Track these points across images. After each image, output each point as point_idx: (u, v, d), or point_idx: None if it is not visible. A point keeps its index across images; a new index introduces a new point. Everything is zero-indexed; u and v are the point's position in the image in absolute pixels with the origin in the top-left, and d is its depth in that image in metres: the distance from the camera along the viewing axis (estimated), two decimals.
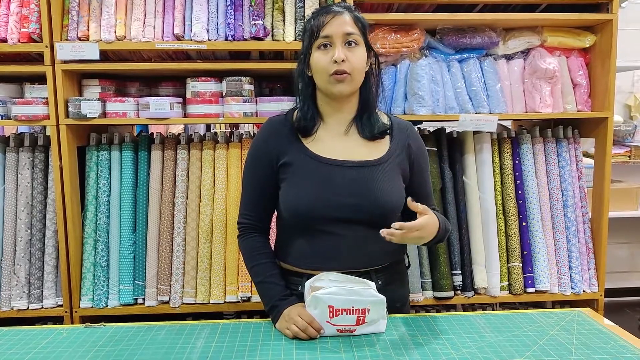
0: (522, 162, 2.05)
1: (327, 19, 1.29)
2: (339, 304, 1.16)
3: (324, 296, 1.16)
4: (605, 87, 2.01)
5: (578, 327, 1.23)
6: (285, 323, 1.23)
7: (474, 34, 1.98)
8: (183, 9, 1.89)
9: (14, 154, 1.92)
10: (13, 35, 1.84)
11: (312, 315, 1.19)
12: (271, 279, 1.35)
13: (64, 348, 1.15)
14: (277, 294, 1.32)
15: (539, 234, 2.02)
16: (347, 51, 1.28)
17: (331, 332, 1.19)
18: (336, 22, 1.28)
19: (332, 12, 1.30)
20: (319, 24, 1.29)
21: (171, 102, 1.90)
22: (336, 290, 1.17)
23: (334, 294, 1.17)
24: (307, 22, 1.36)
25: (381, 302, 1.18)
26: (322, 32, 1.28)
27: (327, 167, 1.32)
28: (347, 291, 1.17)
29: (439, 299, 1.98)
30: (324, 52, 1.29)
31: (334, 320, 1.17)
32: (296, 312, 1.22)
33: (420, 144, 1.43)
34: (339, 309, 1.16)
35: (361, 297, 1.17)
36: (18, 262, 1.90)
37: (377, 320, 1.20)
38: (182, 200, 1.95)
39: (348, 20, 1.30)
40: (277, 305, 1.29)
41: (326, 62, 1.28)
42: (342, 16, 1.29)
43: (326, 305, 1.16)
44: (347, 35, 1.28)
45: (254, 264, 1.38)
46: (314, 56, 1.31)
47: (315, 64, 1.31)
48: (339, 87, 1.29)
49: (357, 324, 1.18)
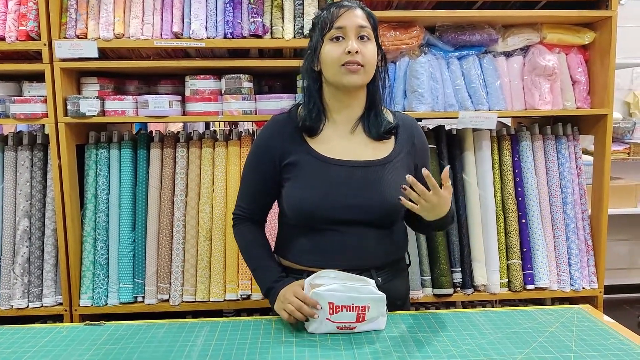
0: (521, 159, 2.05)
1: (340, 11, 1.28)
2: (339, 300, 1.16)
3: (324, 293, 1.16)
4: (604, 84, 2.01)
5: (578, 323, 1.23)
6: (281, 304, 1.23)
7: (473, 31, 1.98)
8: (182, 7, 1.88)
9: (12, 152, 1.92)
10: (11, 33, 1.84)
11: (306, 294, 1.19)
12: (266, 263, 1.36)
13: (63, 346, 1.15)
14: (273, 277, 1.32)
15: (538, 231, 2.02)
16: (360, 44, 1.27)
17: (331, 330, 1.19)
18: (350, 15, 1.28)
19: (345, 5, 1.30)
20: (332, 16, 1.28)
21: (170, 100, 1.90)
22: (336, 287, 1.17)
23: (334, 290, 1.17)
24: (316, 18, 1.35)
25: (381, 300, 1.18)
26: (336, 24, 1.27)
27: (332, 167, 1.31)
28: (348, 288, 1.17)
29: (439, 296, 1.98)
30: (336, 44, 1.28)
31: (334, 317, 1.17)
32: (291, 292, 1.22)
33: (424, 141, 1.43)
34: (339, 305, 1.16)
35: (361, 295, 1.17)
36: (17, 261, 1.90)
37: (377, 317, 1.20)
38: (182, 199, 1.95)
39: (361, 15, 1.30)
40: (272, 287, 1.30)
41: (339, 52, 1.26)
42: (355, 10, 1.29)
43: (326, 302, 1.16)
44: (360, 28, 1.27)
45: (250, 251, 1.39)
46: (325, 48, 1.29)
47: (326, 56, 1.29)
48: (349, 78, 1.27)
49: (357, 322, 1.18)
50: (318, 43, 1.31)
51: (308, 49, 1.36)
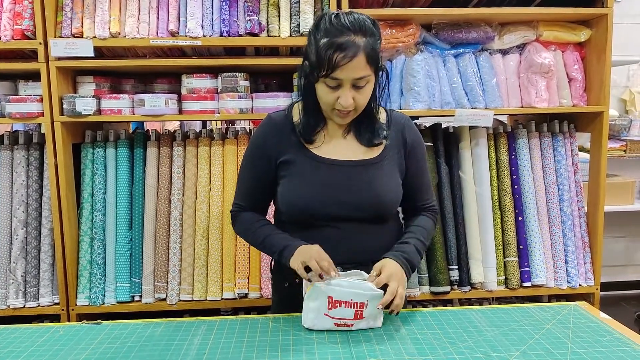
0: (518, 156, 2.06)
1: (340, 61, 1.18)
2: (339, 295, 1.17)
3: (323, 286, 1.17)
4: (600, 81, 2.01)
5: (574, 320, 1.23)
6: (300, 256, 1.22)
7: (470, 28, 1.98)
8: (177, 5, 1.88)
9: (8, 151, 1.91)
10: (6, 32, 1.83)
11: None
12: (276, 232, 1.35)
13: (60, 346, 1.15)
14: (288, 238, 1.31)
15: (535, 229, 2.03)
16: (355, 92, 1.24)
17: (328, 326, 1.19)
18: (350, 67, 1.20)
19: (347, 53, 1.18)
20: (331, 64, 1.19)
21: (166, 99, 1.89)
22: (336, 282, 1.18)
23: (333, 285, 1.17)
24: (317, 45, 1.22)
25: (379, 297, 1.18)
26: (333, 74, 1.21)
27: (326, 166, 1.33)
28: (347, 283, 1.18)
29: (436, 294, 1.98)
30: (331, 89, 1.24)
31: (332, 312, 1.18)
32: (317, 248, 1.22)
33: (416, 136, 1.43)
34: (337, 300, 1.17)
35: (360, 291, 1.17)
36: (14, 261, 1.89)
37: (374, 315, 1.20)
38: (179, 197, 1.94)
39: (362, 64, 1.21)
40: (289, 245, 1.28)
41: (332, 99, 1.25)
42: (357, 59, 1.19)
43: (325, 296, 1.17)
44: (357, 80, 1.23)
45: (254, 228, 1.37)
46: (320, 87, 1.26)
47: (320, 95, 1.28)
48: (341, 120, 1.31)
49: (355, 318, 1.18)
50: (313, 75, 1.25)
51: (305, 67, 1.30)
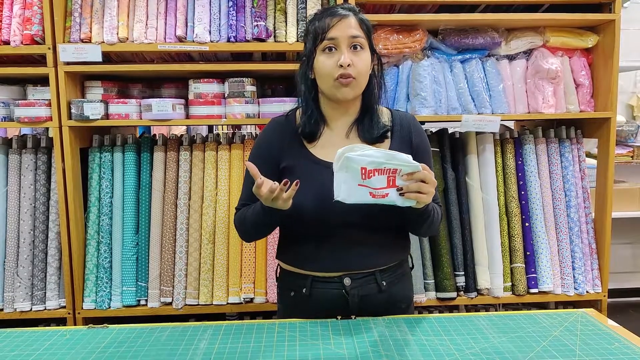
0: (524, 162, 2.05)
1: (332, 21, 1.26)
2: (372, 164, 1.11)
3: (356, 157, 1.11)
4: (607, 87, 2.01)
5: (582, 327, 1.23)
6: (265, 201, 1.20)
7: (477, 34, 1.98)
8: (185, 11, 1.89)
9: (16, 155, 1.93)
10: (16, 37, 1.85)
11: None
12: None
13: (66, 350, 1.15)
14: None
15: (542, 235, 2.02)
16: (352, 55, 1.27)
17: (363, 197, 1.13)
18: (342, 25, 1.26)
19: (337, 14, 1.28)
20: (324, 26, 1.27)
21: (173, 104, 1.90)
22: (370, 152, 1.11)
23: (367, 155, 1.11)
24: (309, 24, 1.34)
25: (415, 168, 1.13)
26: (328, 35, 1.26)
27: (330, 170, 1.31)
28: (383, 154, 1.12)
29: (442, 300, 1.98)
30: (328, 55, 1.28)
31: (366, 182, 1.12)
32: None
33: (423, 139, 1.41)
34: (371, 170, 1.11)
35: (395, 159, 1.11)
36: (21, 264, 1.90)
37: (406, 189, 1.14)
38: (185, 202, 1.95)
39: (354, 24, 1.28)
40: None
41: (331, 66, 1.27)
42: (348, 19, 1.28)
43: (359, 167, 1.11)
44: (352, 38, 1.27)
45: (248, 212, 1.33)
46: (319, 59, 1.29)
47: (319, 68, 1.29)
48: (343, 92, 1.29)
49: (388, 186, 1.12)
50: (311, 53, 1.31)
51: (303, 56, 1.36)
